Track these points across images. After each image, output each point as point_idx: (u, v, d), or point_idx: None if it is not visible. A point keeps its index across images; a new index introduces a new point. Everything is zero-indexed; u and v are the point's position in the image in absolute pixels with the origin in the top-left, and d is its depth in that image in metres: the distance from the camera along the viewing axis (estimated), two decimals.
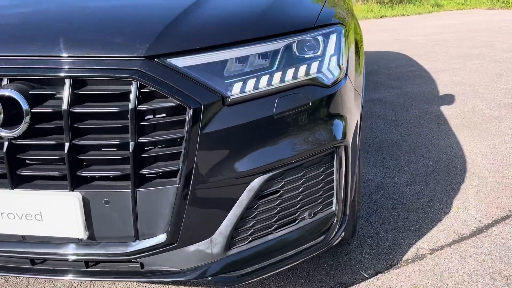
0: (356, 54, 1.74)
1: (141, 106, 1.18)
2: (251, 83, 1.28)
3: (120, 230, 1.28)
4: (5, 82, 1.19)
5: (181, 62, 1.22)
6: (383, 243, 2.09)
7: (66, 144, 1.20)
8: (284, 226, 1.42)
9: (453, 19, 11.05)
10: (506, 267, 1.90)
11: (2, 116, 1.17)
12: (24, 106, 1.17)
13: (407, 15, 12.67)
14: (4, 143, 1.21)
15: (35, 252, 1.32)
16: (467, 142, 3.23)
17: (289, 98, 1.32)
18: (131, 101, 1.18)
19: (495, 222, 2.23)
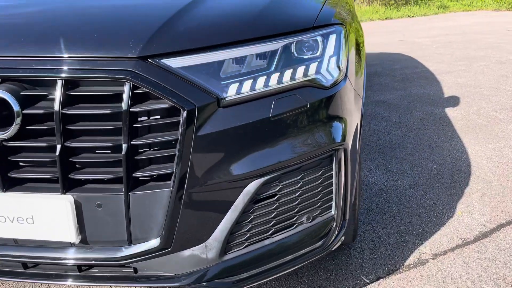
0: (357, 55, 1.70)
1: (134, 108, 1.16)
2: (248, 84, 1.25)
3: (113, 234, 1.25)
4: None
5: (175, 62, 1.20)
6: (384, 247, 2.05)
7: (58, 146, 1.17)
8: (282, 230, 1.39)
9: (459, 20, 10.98)
10: (510, 273, 1.85)
11: None
12: (15, 108, 1.15)
13: (413, 16, 12.61)
14: None
15: (27, 256, 1.29)
16: (471, 145, 3.18)
17: (286, 99, 1.29)
18: (124, 102, 1.15)
19: (500, 227, 2.18)
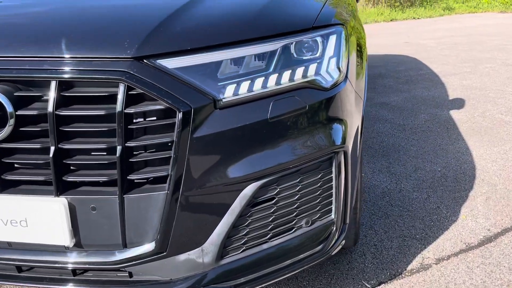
0: (358, 57, 1.68)
1: (128, 109, 1.14)
2: (245, 86, 1.23)
3: (108, 237, 1.23)
4: None
5: (171, 63, 1.17)
6: (387, 251, 2.02)
7: (52, 148, 1.15)
8: (280, 234, 1.36)
9: (464, 22, 10.91)
10: None
11: None
12: (9, 109, 1.13)
13: (418, 18, 12.54)
14: None
15: (21, 259, 1.27)
16: (476, 148, 3.14)
17: (285, 101, 1.27)
18: (118, 103, 1.13)
19: (505, 231, 2.15)
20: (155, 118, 1.19)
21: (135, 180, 1.20)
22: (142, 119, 1.18)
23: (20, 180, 1.21)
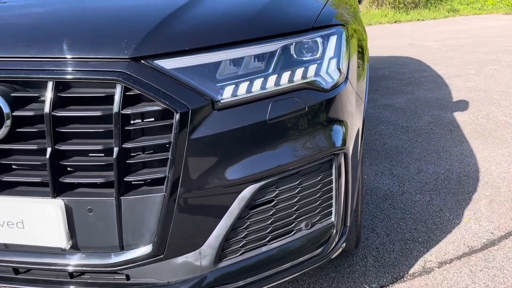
0: (359, 58, 1.66)
1: (125, 110, 1.12)
2: (244, 86, 1.21)
3: (105, 240, 1.21)
4: None
5: (169, 64, 1.16)
6: (388, 255, 2.00)
7: (48, 149, 1.14)
8: (279, 237, 1.34)
9: (469, 24, 10.85)
10: None
11: None
12: (5, 109, 1.12)
13: (422, 20, 12.49)
14: None
15: (18, 261, 1.26)
16: (480, 150, 3.11)
17: (284, 102, 1.25)
18: (115, 104, 1.12)
19: (508, 234, 2.12)
20: (152, 119, 1.18)
21: (132, 182, 1.19)
22: (139, 120, 1.17)
23: (16, 181, 1.20)
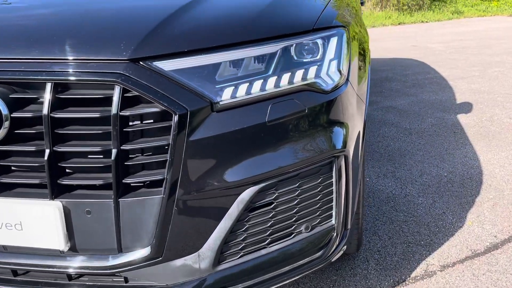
0: (360, 60, 1.65)
1: (124, 112, 1.12)
2: (244, 88, 1.21)
3: (103, 242, 1.21)
4: None
5: (168, 65, 1.16)
6: (390, 258, 1.98)
7: (47, 151, 1.14)
8: (279, 240, 1.33)
9: (473, 26, 10.82)
10: None
11: None
12: (4, 111, 1.12)
13: (426, 22, 12.46)
14: None
15: (16, 263, 1.26)
16: (484, 152, 3.09)
17: (283, 104, 1.24)
18: (114, 106, 1.11)
19: None
20: (151, 121, 1.17)
21: (131, 184, 1.18)
22: (138, 122, 1.17)
23: (15, 183, 1.20)
